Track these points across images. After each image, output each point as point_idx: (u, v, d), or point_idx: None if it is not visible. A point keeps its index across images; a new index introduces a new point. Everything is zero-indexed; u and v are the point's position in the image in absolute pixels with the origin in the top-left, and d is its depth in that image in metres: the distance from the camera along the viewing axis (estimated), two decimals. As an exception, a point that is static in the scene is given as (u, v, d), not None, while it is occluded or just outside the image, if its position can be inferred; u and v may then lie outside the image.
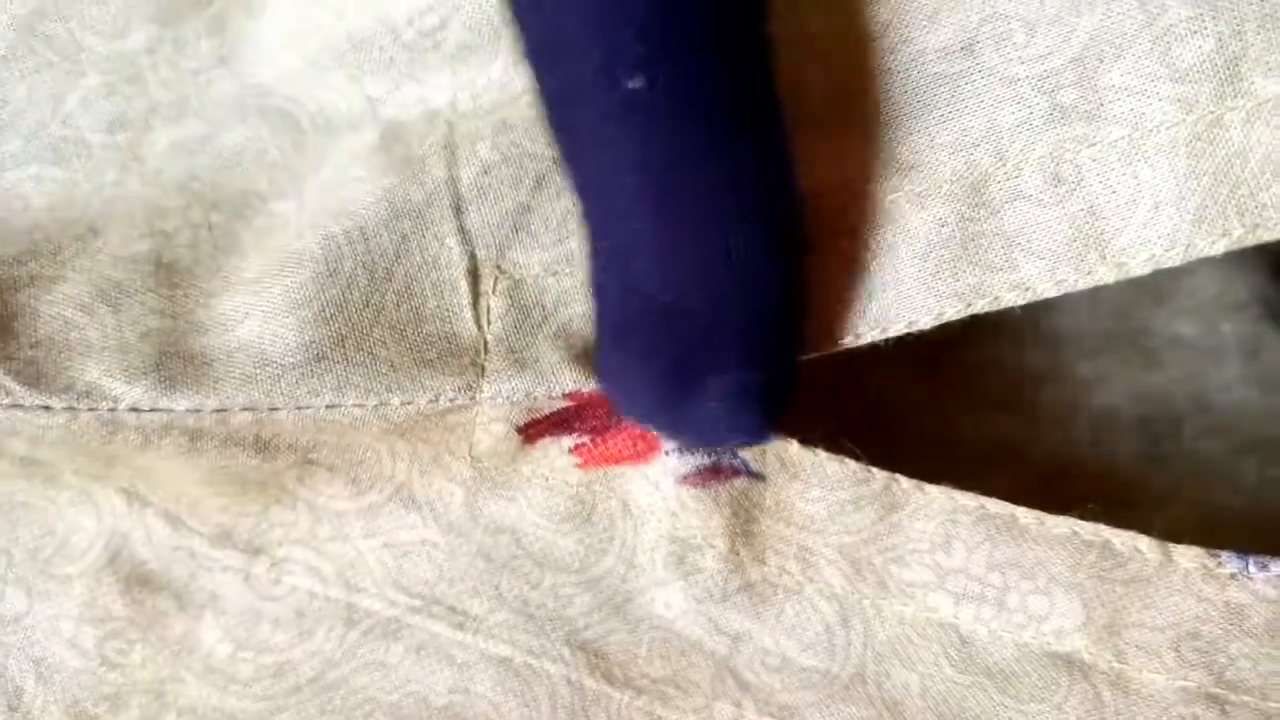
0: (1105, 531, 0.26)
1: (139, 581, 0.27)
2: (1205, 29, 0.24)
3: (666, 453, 0.27)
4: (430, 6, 0.27)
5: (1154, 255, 0.25)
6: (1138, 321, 0.37)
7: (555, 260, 0.27)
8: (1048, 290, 0.26)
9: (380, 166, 0.27)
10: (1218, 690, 0.25)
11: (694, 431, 0.26)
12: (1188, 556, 0.25)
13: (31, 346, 0.27)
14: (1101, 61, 0.25)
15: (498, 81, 0.27)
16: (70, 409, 0.27)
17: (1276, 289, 0.37)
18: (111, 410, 0.27)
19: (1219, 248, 0.25)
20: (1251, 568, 0.25)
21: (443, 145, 0.27)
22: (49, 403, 0.27)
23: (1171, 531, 0.26)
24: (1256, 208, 0.24)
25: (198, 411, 0.27)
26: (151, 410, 0.27)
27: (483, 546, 0.27)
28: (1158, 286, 0.37)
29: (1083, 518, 0.26)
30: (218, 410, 0.27)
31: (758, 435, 0.26)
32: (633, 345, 0.25)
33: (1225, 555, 0.25)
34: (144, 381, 0.27)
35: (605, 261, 0.25)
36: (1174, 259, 0.25)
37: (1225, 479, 0.36)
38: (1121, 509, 0.26)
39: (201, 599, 0.27)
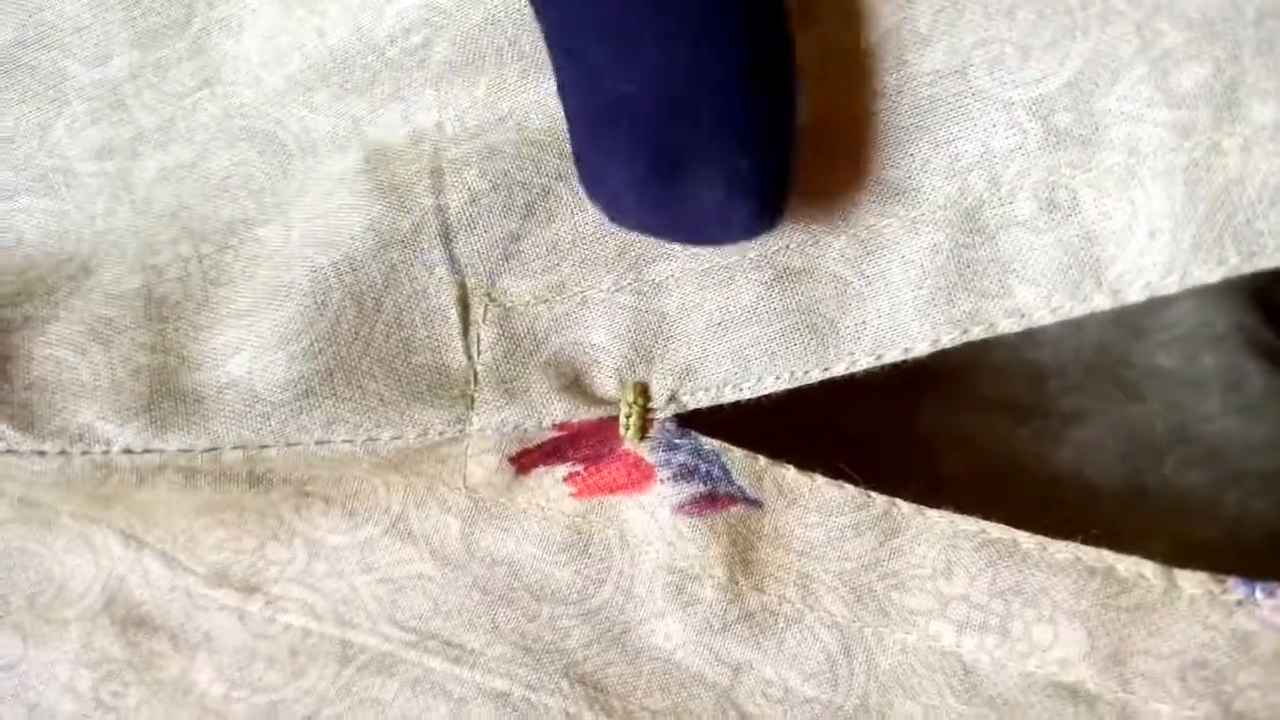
0: (1109, 557, 0.25)
1: (135, 623, 0.26)
2: (1202, 54, 0.23)
3: (661, 481, 0.26)
4: (412, 26, 0.27)
5: (1150, 283, 0.24)
6: (1119, 354, 0.36)
7: (546, 288, 0.27)
8: (1044, 317, 0.25)
9: (366, 192, 0.27)
10: None
11: (690, 230, 0.24)
12: (1193, 583, 0.24)
13: (25, 389, 0.27)
14: (1097, 86, 0.24)
15: (483, 101, 0.27)
16: (63, 453, 0.27)
17: (1257, 320, 0.36)
18: (104, 453, 0.27)
19: (1215, 275, 0.24)
20: (1259, 594, 0.24)
21: (429, 171, 0.27)
22: (42, 447, 0.27)
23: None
24: (1253, 235, 0.23)
25: (189, 451, 0.27)
26: (144, 451, 0.27)
27: (479, 579, 0.26)
28: (1138, 319, 0.36)
29: (1084, 544, 0.25)
30: (209, 449, 0.27)
31: (756, 226, 0.24)
32: (611, 145, 0.23)
33: (1232, 581, 0.24)
34: (136, 423, 0.26)
35: (565, 61, 0.24)
36: (1170, 286, 0.24)
37: (1208, 511, 0.35)
38: (1104, 542, 0.26)
39: (196, 639, 0.26)
